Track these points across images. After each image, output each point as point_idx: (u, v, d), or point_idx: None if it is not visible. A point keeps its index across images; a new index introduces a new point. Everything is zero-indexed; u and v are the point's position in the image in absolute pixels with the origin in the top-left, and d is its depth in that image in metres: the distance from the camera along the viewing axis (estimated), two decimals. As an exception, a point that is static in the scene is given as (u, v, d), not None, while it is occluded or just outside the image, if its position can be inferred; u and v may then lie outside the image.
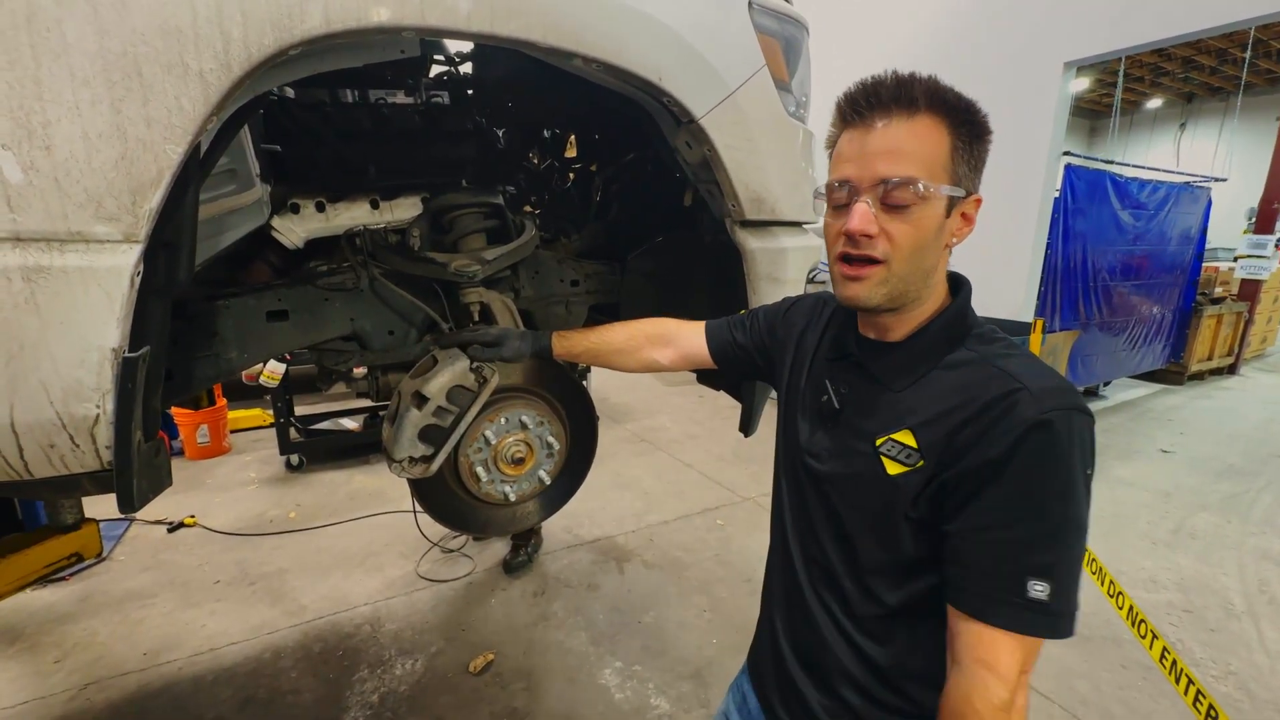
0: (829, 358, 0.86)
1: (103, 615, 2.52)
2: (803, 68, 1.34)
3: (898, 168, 0.67)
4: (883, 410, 0.76)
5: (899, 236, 0.69)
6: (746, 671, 1.07)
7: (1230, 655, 2.37)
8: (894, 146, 0.68)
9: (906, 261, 0.70)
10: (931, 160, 0.68)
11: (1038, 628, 0.64)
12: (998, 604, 0.64)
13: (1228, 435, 4.91)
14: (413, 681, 2.18)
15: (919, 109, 0.68)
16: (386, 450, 1.22)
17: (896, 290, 0.72)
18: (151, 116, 0.72)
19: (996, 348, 0.72)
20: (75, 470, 0.81)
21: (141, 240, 0.75)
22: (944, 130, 0.68)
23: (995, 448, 0.64)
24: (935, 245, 0.71)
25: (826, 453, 0.82)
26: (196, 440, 4.03)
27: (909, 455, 0.71)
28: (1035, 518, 0.64)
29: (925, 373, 0.74)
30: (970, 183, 0.71)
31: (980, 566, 0.66)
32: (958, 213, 0.71)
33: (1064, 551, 0.64)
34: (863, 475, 0.75)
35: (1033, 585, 0.63)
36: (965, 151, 0.69)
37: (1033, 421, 0.63)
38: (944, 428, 0.69)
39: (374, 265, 1.35)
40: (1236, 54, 11.48)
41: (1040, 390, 0.65)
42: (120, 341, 0.76)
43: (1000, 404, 0.66)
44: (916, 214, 0.68)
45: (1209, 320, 6.23)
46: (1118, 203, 4.93)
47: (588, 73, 1.07)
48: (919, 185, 0.67)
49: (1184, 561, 3.04)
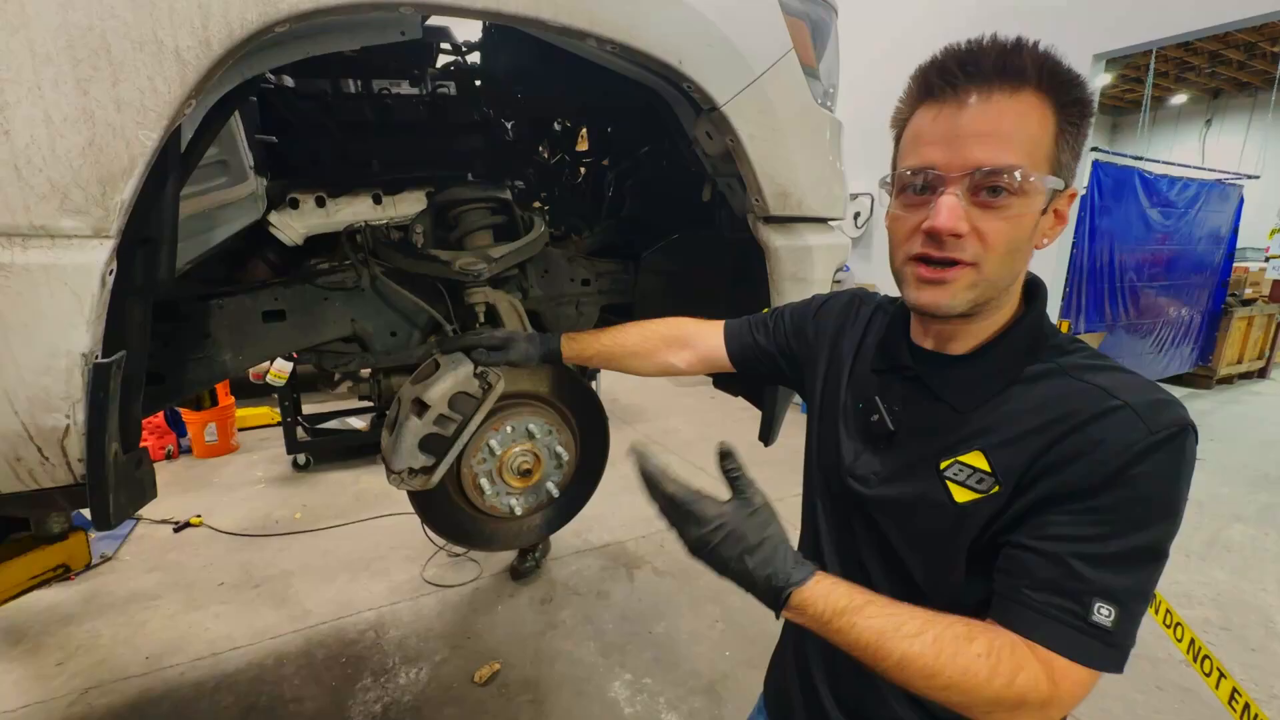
0: (876, 368, 0.77)
1: (107, 616, 2.50)
2: (831, 53, 1.26)
3: (998, 154, 0.57)
4: (947, 430, 0.66)
5: (993, 236, 0.59)
6: (762, 709, 0.98)
7: (1274, 678, 2.25)
8: (993, 128, 0.57)
9: (999, 265, 0.60)
10: (1035, 146, 0.58)
11: (1093, 657, 0.55)
12: (1054, 622, 0.56)
13: (1260, 442, 4.74)
14: (417, 691, 2.12)
15: (1026, 83, 0.57)
16: (385, 460, 1.15)
17: (984, 296, 0.62)
18: (122, 99, 0.66)
19: (1078, 358, 0.63)
20: (45, 485, 0.75)
21: (113, 235, 0.69)
22: (1050, 110, 0.58)
23: (1099, 471, 0.56)
24: (1028, 246, 0.61)
25: (876, 477, 0.72)
26: (204, 439, 4.02)
27: (981, 480, 0.62)
28: (1118, 535, 0.55)
29: (999, 390, 0.64)
30: (1070, 174, 0.61)
31: (1040, 577, 0.57)
32: (1052, 208, 0.61)
33: (1138, 578, 0.56)
34: (923, 502, 0.66)
35: (1099, 608, 0.55)
36: (1071, 136, 0.59)
37: (1146, 444, 0.55)
38: (1027, 450, 0.60)
39: (375, 263, 1.28)
40: (1266, 48, 11.16)
41: (1145, 406, 0.57)
42: (91, 346, 0.70)
43: (1100, 423, 0.57)
44: (1015, 209, 0.58)
45: (1239, 322, 6.03)
46: (1146, 200, 4.77)
47: (602, 57, 0.99)
48: (1022, 176, 0.57)
49: (1220, 575, 2.91)
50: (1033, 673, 0.55)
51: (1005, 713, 0.56)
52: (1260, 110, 12.35)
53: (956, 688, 0.56)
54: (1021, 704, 0.55)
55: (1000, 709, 0.56)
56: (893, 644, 0.57)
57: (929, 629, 0.57)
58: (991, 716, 0.57)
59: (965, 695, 0.56)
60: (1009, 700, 0.55)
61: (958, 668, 0.55)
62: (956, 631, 0.57)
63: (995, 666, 0.55)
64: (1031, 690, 0.55)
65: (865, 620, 0.58)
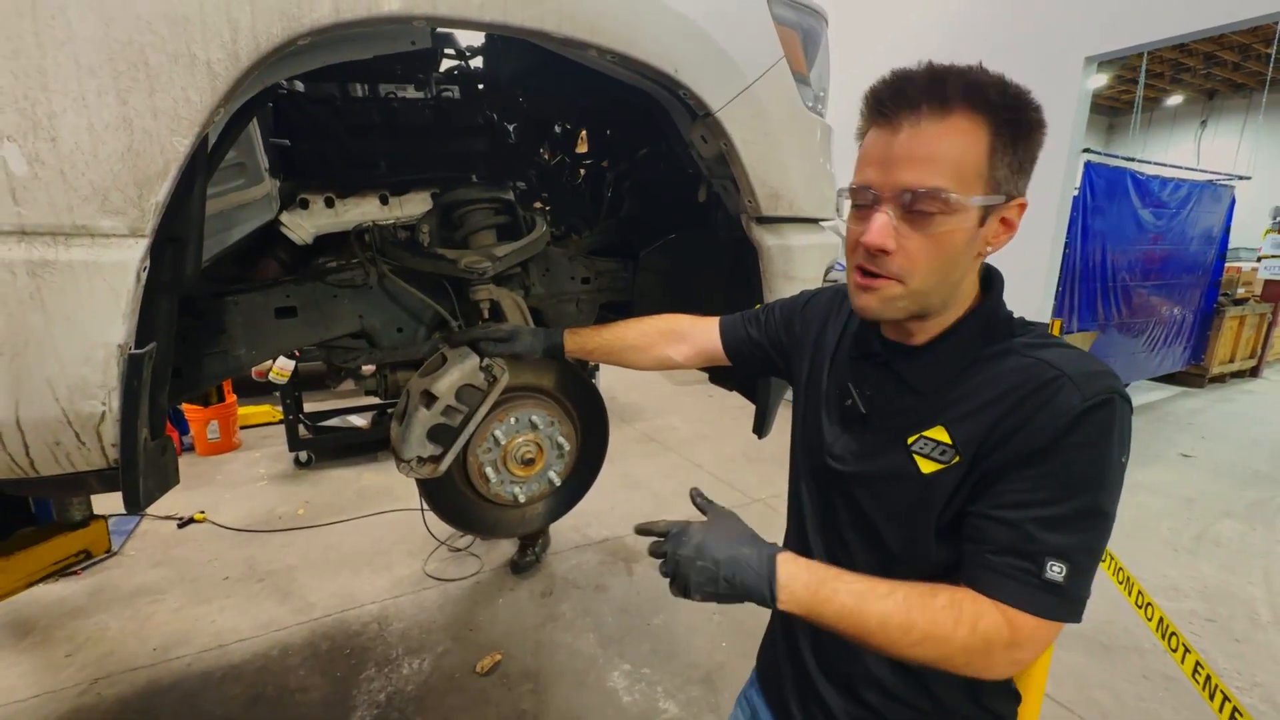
0: (852, 356, 0.83)
1: (113, 610, 2.54)
2: (821, 60, 1.31)
3: (923, 176, 0.62)
4: (913, 410, 0.73)
5: (918, 253, 0.64)
6: (755, 682, 1.04)
7: (1256, 667, 2.30)
8: (921, 152, 0.62)
9: (925, 278, 0.66)
10: (963, 167, 0.62)
11: (1049, 609, 0.62)
12: (1013, 581, 0.63)
13: (1251, 440, 4.80)
14: (420, 681, 2.17)
15: (953, 108, 0.61)
16: (395, 450, 1.20)
17: (914, 306, 0.69)
18: (158, 108, 0.71)
19: (1030, 338, 0.70)
20: (81, 468, 0.80)
21: (148, 235, 0.74)
22: (982, 130, 0.62)
23: (1040, 437, 0.62)
24: (964, 258, 0.67)
25: (852, 455, 0.79)
26: (206, 436, 4.06)
27: (944, 452, 0.69)
28: (1063, 499, 0.62)
29: (958, 373, 0.70)
30: (1013, 185, 0.65)
31: (1000, 541, 0.64)
32: (996, 219, 0.66)
33: (1086, 537, 0.62)
34: (894, 476, 0.73)
35: (1050, 566, 0.61)
36: (1008, 153, 0.63)
37: (1079, 410, 0.61)
38: (982, 422, 0.66)
39: (383, 261, 1.33)
40: (1261, 49, 11.25)
41: (1081, 376, 0.63)
42: (126, 338, 0.75)
43: (1042, 393, 0.63)
44: (942, 228, 0.63)
45: (1231, 322, 6.09)
46: (1138, 201, 4.83)
47: (602, 65, 1.04)
48: (946, 197, 0.61)
49: (1207, 570, 2.97)
50: (993, 619, 0.62)
51: (979, 659, 0.62)
52: (1255, 111, 12.44)
53: (930, 639, 0.62)
54: (989, 648, 0.62)
55: (973, 656, 0.62)
56: (871, 604, 0.64)
57: (897, 590, 0.65)
58: (970, 667, 0.63)
59: (938, 647, 0.62)
60: (977, 646, 0.62)
61: (927, 619, 0.62)
62: (920, 589, 0.65)
63: (958, 616, 0.62)
64: (995, 635, 0.61)
65: (846, 585, 0.66)
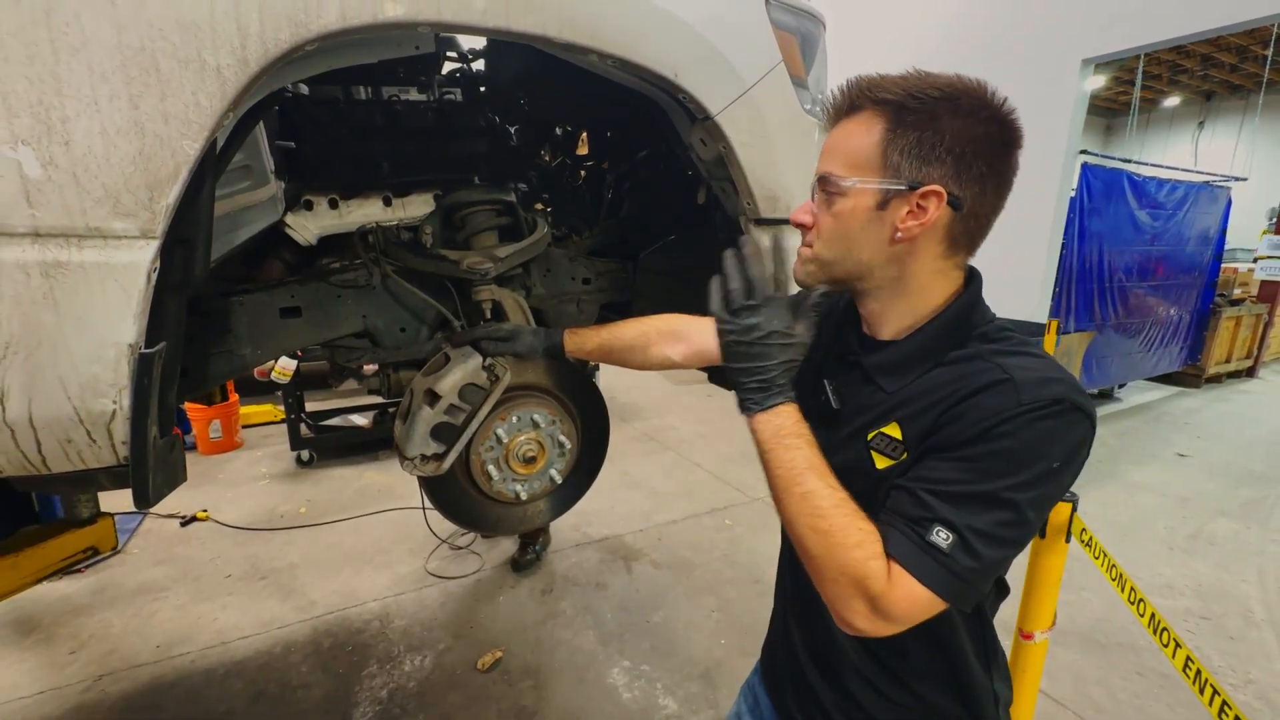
0: (835, 354, 0.85)
1: (117, 607, 2.55)
2: (819, 64, 1.33)
3: (823, 165, 0.72)
4: (876, 406, 0.74)
5: (824, 228, 0.73)
6: (759, 672, 1.06)
7: (1250, 664, 2.33)
8: (830, 145, 0.73)
9: (826, 247, 0.73)
10: (855, 155, 0.69)
11: (925, 571, 0.61)
12: (897, 533, 0.64)
13: (1247, 440, 4.83)
14: (421, 678, 2.19)
15: (858, 107, 0.70)
16: (399, 448, 1.22)
17: (826, 274, 0.75)
18: (169, 112, 0.72)
19: (1001, 345, 0.70)
20: (92, 465, 0.81)
21: (158, 236, 0.75)
22: (878, 123, 0.68)
23: (966, 430, 0.64)
24: (864, 237, 0.70)
25: (824, 450, 0.80)
26: (209, 435, 4.07)
27: (894, 448, 0.71)
28: (968, 481, 0.62)
29: (922, 374, 0.71)
30: (918, 173, 0.66)
31: (896, 504, 0.66)
32: (904, 204, 0.67)
33: (984, 519, 0.61)
34: (852, 470, 0.73)
35: (937, 530, 0.62)
36: (904, 140, 0.66)
37: (1012, 412, 0.61)
38: (928, 418, 0.68)
39: (386, 262, 1.34)
40: (1258, 51, 11.27)
41: (1028, 383, 0.63)
42: (137, 337, 0.76)
43: (983, 393, 0.64)
44: (838, 205, 0.71)
45: (1227, 322, 6.13)
46: (1135, 202, 4.85)
47: (602, 69, 1.06)
48: (833, 179, 0.70)
49: (1202, 568, 2.99)
50: (881, 566, 0.63)
51: (845, 585, 0.63)
52: (1252, 113, 12.47)
53: (829, 536, 0.64)
54: (861, 584, 0.62)
55: (844, 578, 0.63)
56: (813, 478, 0.67)
57: (844, 492, 0.67)
58: (836, 586, 0.64)
59: (829, 548, 0.64)
60: (853, 573, 0.62)
61: (840, 523, 0.64)
62: (858, 510, 0.66)
63: (863, 541, 0.64)
64: (873, 577, 0.62)
65: (806, 453, 0.69)
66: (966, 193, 0.67)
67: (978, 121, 0.65)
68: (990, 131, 0.66)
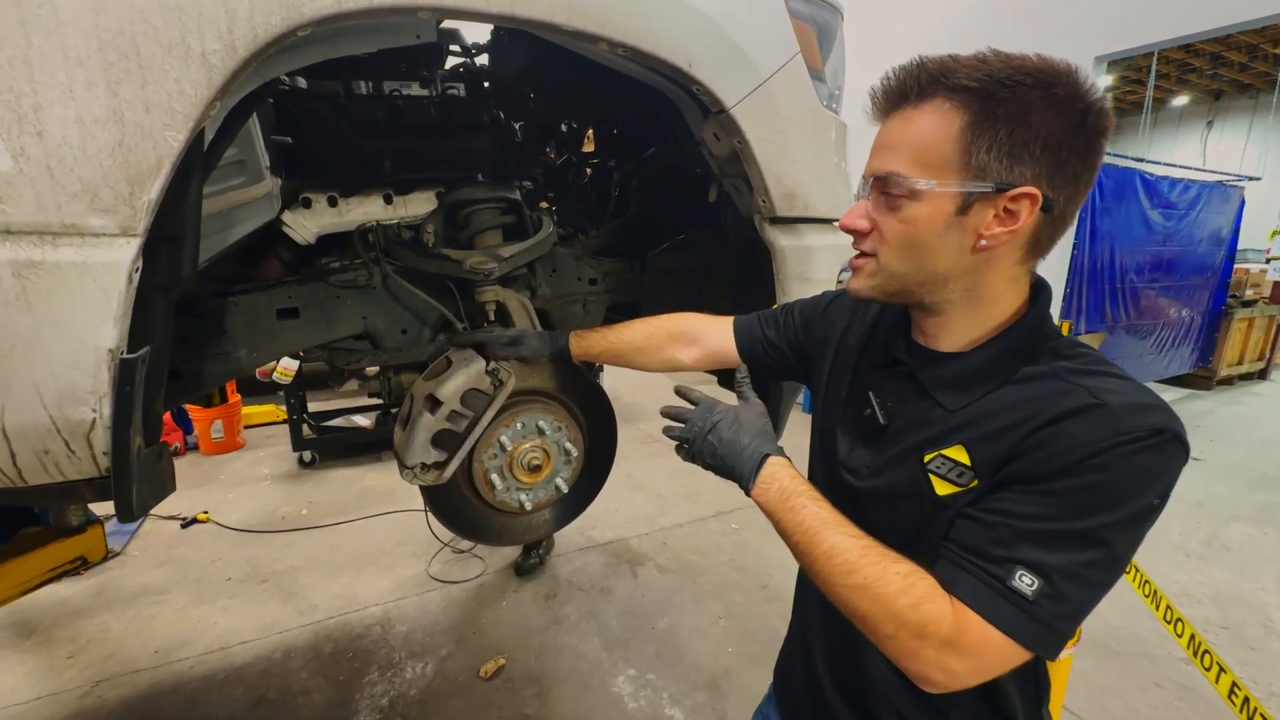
0: (875, 364, 0.79)
1: (116, 611, 2.52)
2: (836, 56, 1.27)
3: (884, 162, 0.64)
4: (934, 424, 0.68)
5: (887, 233, 0.65)
6: (772, 699, 1.01)
7: (1272, 676, 2.26)
8: (889, 139, 0.64)
9: (896, 258, 0.66)
10: (927, 151, 0.60)
11: (1005, 619, 0.55)
12: (970, 576, 0.57)
13: (1259, 442, 4.75)
14: (423, 685, 2.15)
15: (926, 95, 0.61)
16: (398, 455, 1.17)
17: (891, 286, 0.68)
18: (151, 100, 0.67)
19: (1075, 363, 0.63)
20: (71, 477, 0.77)
21: (140, 234, 0.70)
22: (955, 114, 0.59)
23: (1055, 460, 0.56)
24: (941, 246, 0.62)
25: (866, 469, 0.75)
26: (211, 436, 4.04)
27: (961, 474, 0.63)
28: (1059, 518, 0.55)
29: (990, 391, 0.65)
30: (1007, 173, 0.58)
31: (970, 540, 0.59)
32: (989, 208, 0.60)
33: (1076, 561, 0.55)
34: (905, 493, 0.68)
35: (1021, 575, 0.55)
36: (990, 136, 0.58)
37: (1109, 443, 0.54)
38: (1005, 443, 0.60)
39: (387, 262, 1.30)
40: (1268, 49, 11.16)
41: (1123, 408, 0.56)
42: (118, 341, 0.72)
43: (1072, 419, 0.57)
44: (907, 210, 0.63)
45: (1239, 324, 6.04)
46: (1147, 202, 4.78)
47: (612, 60, 1.01)
48: (902, 181, 0.62)
49: (1219, 575, 2.93)
50: (940, 607, 0.57)
51: (907, 638, 0.57)
52: (1262, 112, 12.35)
53: (868, 590, 0.59)
54: (922, 632, 0.56)
55: (903, 631, 0.57)
56: (830, 533, 0.63)
57: (866, 538, 0.62)
58: (895, 641, 0.58)
59: (873, 602, 0.58)
60: (911, 623, 0.56)
61: (875, 573, 0.59)
62: (887, 551, 0.61)
63: (907, 587, 0.58)
64: (934, 623, 0.56)
65: (817, 507, 0.66)
66: (1059, 194, 0.59)
67: (1075, 112, 0.57)
68: (1087, 123, 0.58)
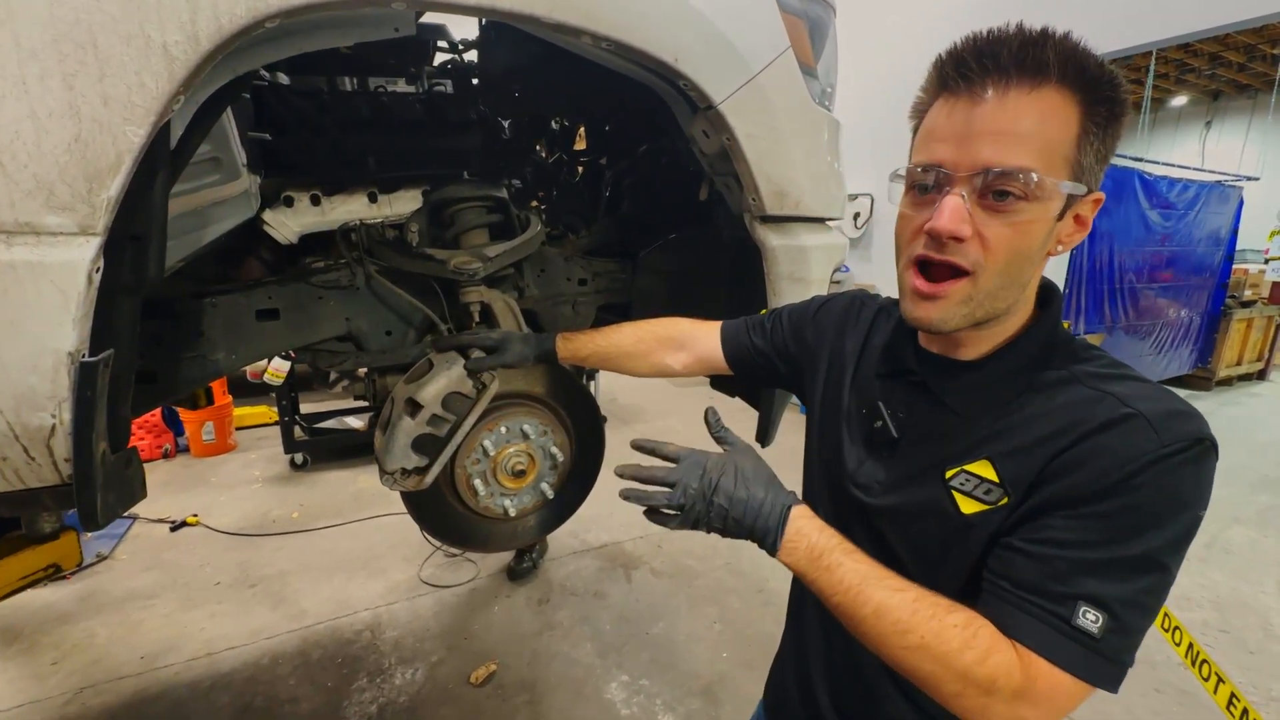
0: (880, 373, 0.74)
1: (102, 616, 2.49)
2: (829, 52, 1.25)
3: (1009, 153, 0.54)
4: (954, 438, 0.64)
5: (996, 243, 0.56)
6: (761, 716, 0.97)
7: (1272, 680, 2.24)
8: (1008, 126, 0.54)
9: (1000, 274, 0.57)
10: (1053, 147, 0.54)
11: (1075, 662, 0.52)
12: (1034, 620, 0.54)
13: (1260, 444, 4.72)
14: (412, 692, 2.12)
15: (1048, 79, 0.54)
16: (378, 461, 1.15)
17: (981, 311, 0.59)
18: (109, 94, 0.65)
19: (1094, 365, 0.60)
20: (31, 485, 0.74)
21: (100, 232, 0.68)
22: (1075, 109, 0.54)
23: (1101, 479, 0.53)
24: (1038, 254, 0.58)
25: (879, 486, 0.70)
26: (201, 438, 4.00)
27: (989, 491, 0.60)
28: (1113, 543, 0.52)
29: (1011, 399, 0.61)
30: (1094, 178, 0.57)
31: (1025, 578, 0.55)
32: (1071, 214, 0.57)
33: (1135, 589, 0.53)
34: (927, 512, 0.64)
35: (1084, 612, 0.52)
36: (1097, 138, 0.55)
37: (1153, 456, 0.52)
38: (1036, 459, 0.57)
39: (370, 262, 1.27)
40: (1266, 50, 11.16)
41: (1159, 416, 0.53)
42: (78, 344, 0.69)
43: (1110, 431, 0.54)
44: (1024, 215, 0.55)
45: (1238, 324, 6.02)
46: (1146, 201, 4.77)
47: (597, 54, 0.98)
48: (1033, 178, 0.53)
49: (1219, 578, 2.91)
50: (1007, 659, 0.53)
51: (975, 695, 0.54)
52: (1260, 112, 12.35)
53: (928, 650, 0.54)
54: (992, 688, 0.53)
55: (970, 688, 0.53)
56: (874, 590, 0.57)
57: (912, 589, 0.57)
58: (961, 699, 0.54)
59: (935, 663, 0.54)
60: (979, 679, 0.53)
61: (932, 630, 0.54)
62: (938, 600, 0.57)
63: (969, 640, 0.54)
64: (1003, 676, 0.53)
65: (853, 562, 0.59)
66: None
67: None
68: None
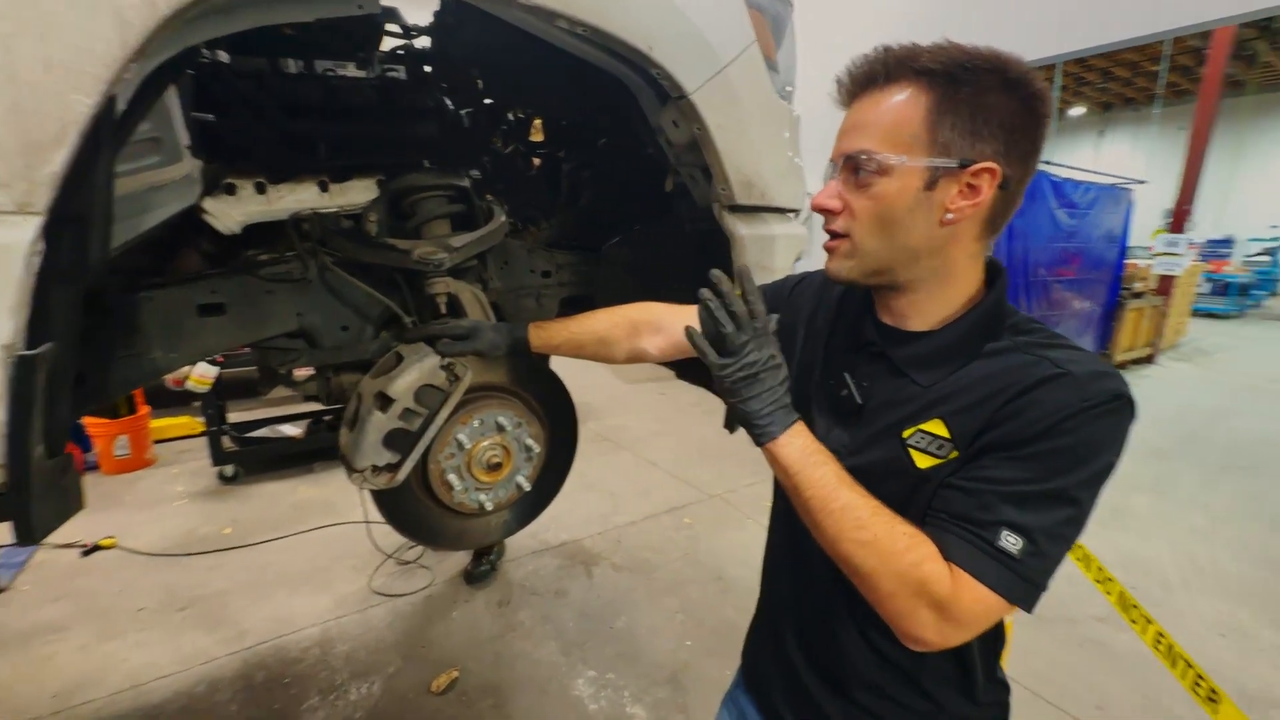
0: (847, 346, 0.80)
1: (4, 653, 2.23)
2: (788, 48, 1.29)
3: (856, 141, 0.66)
4: (910, 401, 0.70)
5: (859, 211, 0.68)
6: (741, 684, 1.00)
7: (1174, 628, 2.49)
8: (858, 120, 0.67)
9: (869, 236, 0.68)
10: (897, 129, 0.64)
11: (995, 578, 0.60)
12: (962, 540, 0.61)
13: (1151, 420, 5.25)
14: (369, 706, 2.02)
15: (893, 78, 0.65)
16: (345, 459, 1.09)
17: (869, 266, 0.70)
18: (51, 57, 0.59)
19: (1035, 337, 0.68)
20: (-42, 494, 0.66)
21: (40, 211, 0.62)
22: (921, 95, 0.63)
23: (1030, 428, 0.61)
24: (911, 221, 0.66)
25: (845, 449, 0.75)
26: (114, 453, 3.65)
27: (940, 446, 0.67)
28: (1034, 480, 0.60)
29: (960, 366, 0.69)
30: (968, 149, 0.63)
31: (957, 507, 0.63)
32: (953, 184, 0.64)
33: (1051, 518, 0.60)
34: (887, 469, 0.70)
35: (1006, 535, 0.60)
36: (954, 115, 0.62)
37: (1075, 409, 0.60)
38: (980, 415, 0.64)
39: (324, 253, 1.21)
40: (1148, 67, 12.45)
41: (1085, 376, 0.61)
42: (14, 336, 0.62)
43: (1041, 388, 0.62)
44: (877, 187, 0.66)
45: (1132, 314, 6.67)
46: (1054, 201, 5.20)
47: (568, 41, 0.97)
48: (872, 157, 0.65)
49: (1125, 540, 3.21)
50: (940, 569, 0.61)
51: (907, 596, 0.61)
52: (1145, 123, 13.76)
53: (877, 545, 0.62)
54: (922, 590, 0.60)
55: (903, 589, 0.61)
56: (847, 491, 0.65)
57: (877, 501, 0.65)
58: (894, 600, 0.62)
59: (879, 559, 0.62)
60: (913, 580, 0.60)
61: (885, 529, 0.63)
62: (895, 514, 0.64)
63: (912, 546, 0.62)
64: (934, 581, 0.60)
65: (836, 466, 0.68)
66: (1014, 172, 0.64)
67: (1025, 96, 0.63)
68: (1034, 107, 0.63)
